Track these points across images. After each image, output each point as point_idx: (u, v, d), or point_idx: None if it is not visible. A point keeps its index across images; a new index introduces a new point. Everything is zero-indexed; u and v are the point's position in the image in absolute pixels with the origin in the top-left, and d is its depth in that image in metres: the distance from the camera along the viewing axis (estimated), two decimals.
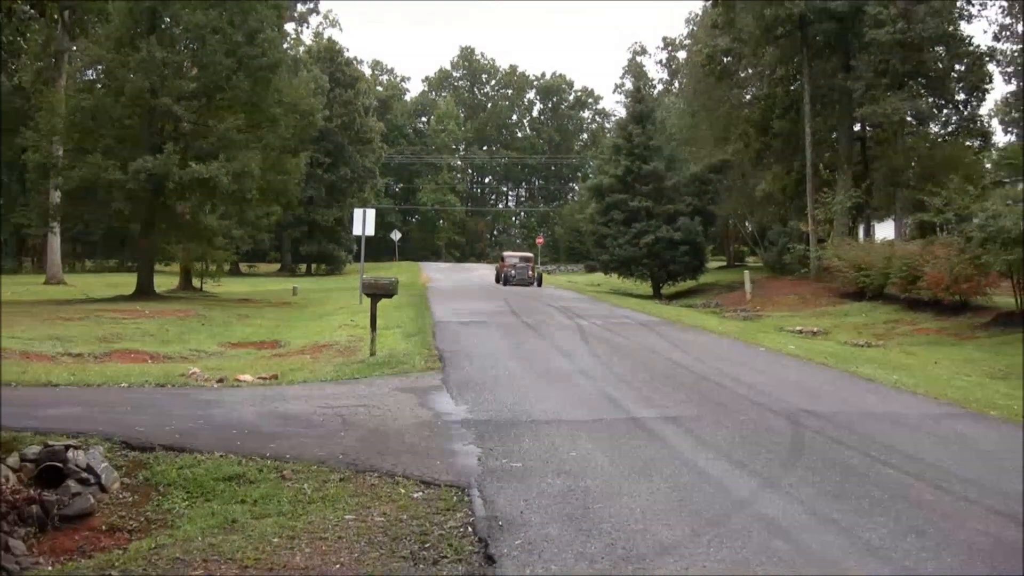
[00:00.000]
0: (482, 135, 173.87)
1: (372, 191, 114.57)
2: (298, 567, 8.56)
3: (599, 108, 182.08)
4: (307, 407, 16.28)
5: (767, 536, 9.66)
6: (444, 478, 11.66)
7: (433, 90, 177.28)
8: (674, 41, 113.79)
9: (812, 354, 27.03)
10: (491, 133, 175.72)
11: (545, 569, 8.55)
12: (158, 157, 46.49)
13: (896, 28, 54.01)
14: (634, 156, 72.38)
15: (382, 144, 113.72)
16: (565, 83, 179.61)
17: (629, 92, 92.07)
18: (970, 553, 9.31)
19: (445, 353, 24.13)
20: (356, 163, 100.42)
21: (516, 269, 69.27)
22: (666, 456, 13.14)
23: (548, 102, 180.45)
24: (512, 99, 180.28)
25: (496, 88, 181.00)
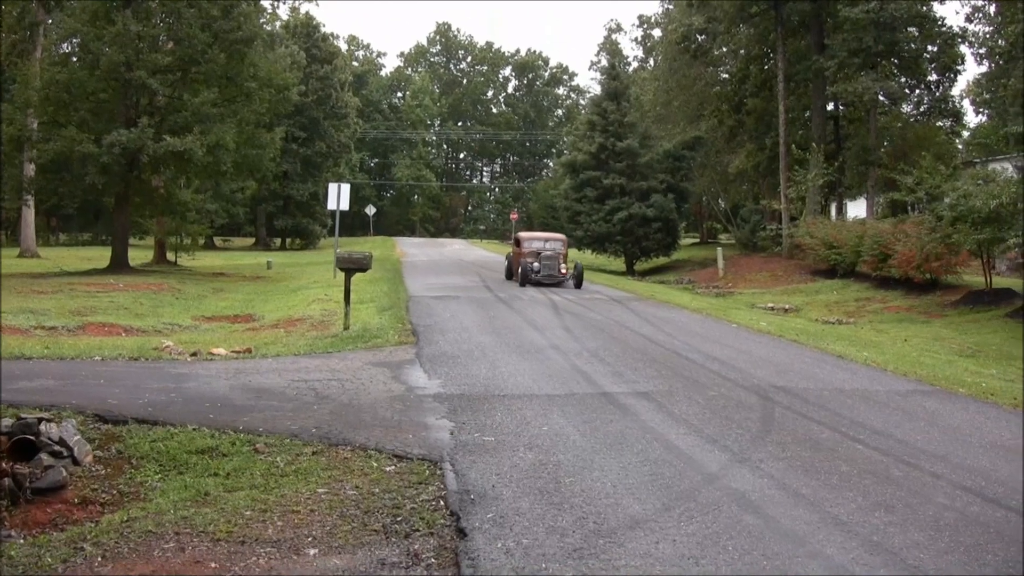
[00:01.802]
0: (457, 111, 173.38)
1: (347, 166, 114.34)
2: (270, 540, 8.58)
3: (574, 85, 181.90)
4: (280, 380, 16.29)
5: (737, 510, 9.73)
6: (416, 452, 11.70)
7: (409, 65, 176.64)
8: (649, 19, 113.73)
9: (783, 331, 27.14)
10: (466, 109, 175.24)
11: (516, 542, 8.60)
12: (133, 131, 46.26)
13: (869, 8, 54.03)
14: (608, 133, 72.28)
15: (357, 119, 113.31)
16: (540, 60, 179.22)
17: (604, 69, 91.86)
18: (937, 528, 9.40)
19: (418, 327, 24.16)
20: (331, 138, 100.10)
21: (542, 260, 41.76)
22: (637, 431, 13.20)
23: (523, 78, 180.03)
24: (487, 75, 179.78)
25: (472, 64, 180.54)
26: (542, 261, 41.05)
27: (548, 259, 41.19)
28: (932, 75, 64.08)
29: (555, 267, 41.26)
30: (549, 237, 44.97)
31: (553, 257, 41.50)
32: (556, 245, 43.33)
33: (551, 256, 41.47)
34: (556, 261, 41.47)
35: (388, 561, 8.15)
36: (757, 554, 8.47)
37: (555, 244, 43.50)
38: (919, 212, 45.64)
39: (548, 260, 41.17)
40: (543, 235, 45.82)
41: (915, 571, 8.22)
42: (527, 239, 43.98)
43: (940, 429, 14.11)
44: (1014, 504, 10.32)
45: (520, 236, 44.99)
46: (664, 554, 8.39)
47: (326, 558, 8.21)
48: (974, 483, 11.12)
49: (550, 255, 41.48)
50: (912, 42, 61.26)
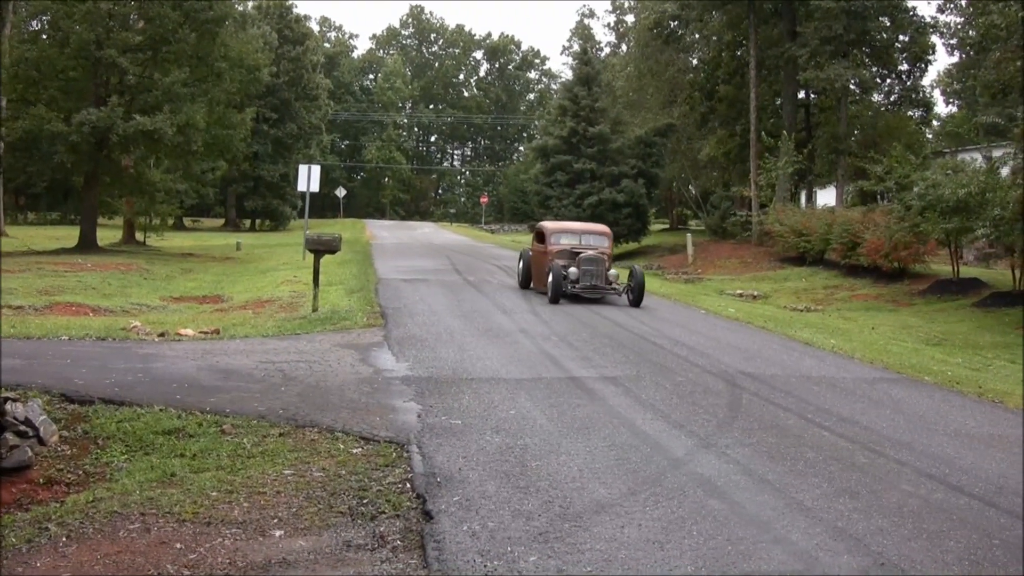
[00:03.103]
0: (429, 94, 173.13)
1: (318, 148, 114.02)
2: (236, 521, 8.58)
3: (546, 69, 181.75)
4: (248, 362, 16.26)
5: (702, 495, 9.78)
6: (383, 434, 11.71)
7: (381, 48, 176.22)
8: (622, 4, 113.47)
9: (751, 317, 27.22)
10: (438, 92, 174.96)
11: (482, 525, 8.63)
12: (102, 109, 46.07)
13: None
14: (580, 118, 72.18)
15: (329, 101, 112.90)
16: (513, 44, 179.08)
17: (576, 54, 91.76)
18: (900, 514, 9.47)
19: (387, 310, 24.14)
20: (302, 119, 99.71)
21: (583, 265, 29.61)
22: (604, 415, 13.23)
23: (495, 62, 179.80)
24: (459, 58, 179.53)
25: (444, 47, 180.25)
26: (582, 266, 28.94)
27: (591, 263, 29.03)
28: (903, 65, 64.34)
29: (601, 274, 29.10)
30: (588, 229, 32.48)
31: (597, 260, 29.12)
32: (600, 241, 30.99)
33: (594, 259, 29.15)
34: (602, 266, 29.18)
35: (354, 543, 8.17)
36: (722, 539, 8.51)
37: (598, 240, 31.07)
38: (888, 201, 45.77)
39: (591, 264, 29.02)
40: (578, 226, 33.46)
41: (879, 557, 8.28)
42: (555, 232, 31.23)
43: (905, 417, 14.18)
44: (977, 491, 10.40)
45: (544, 228, 31.94)
46: (629, 538, 8.43)
47: (292, 539, 8.22)
48: (938, 470, 11.19)
49: (593, 257, 29.15)
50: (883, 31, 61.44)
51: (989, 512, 9.73)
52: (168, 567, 7.51)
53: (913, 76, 65.52)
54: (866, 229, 42.51)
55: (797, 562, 8.11)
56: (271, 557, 7.80)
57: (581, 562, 7.84)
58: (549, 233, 31.15)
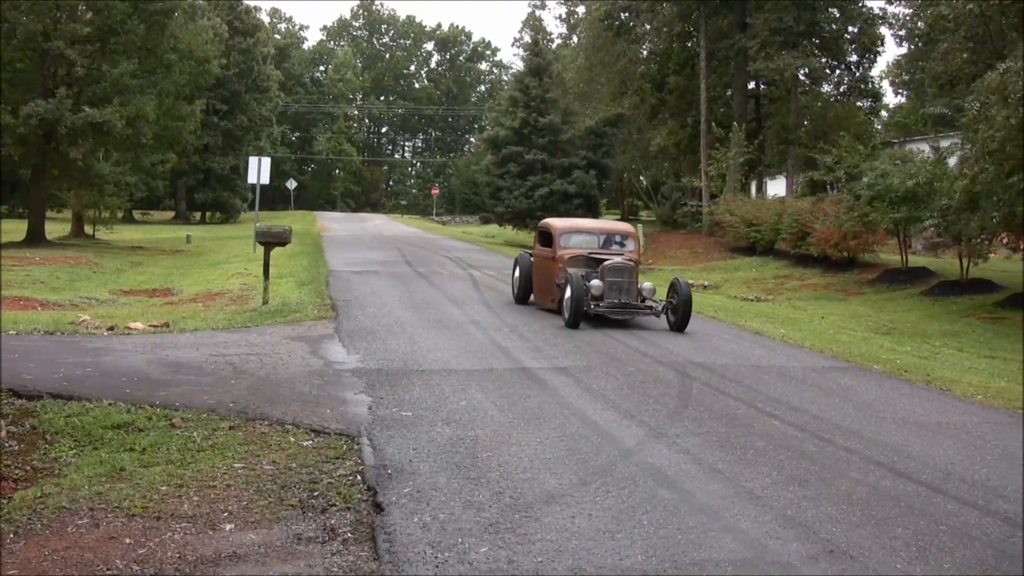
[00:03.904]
0: (379, 85, 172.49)
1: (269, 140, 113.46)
2: (186, 515, 8.53)
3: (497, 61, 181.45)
4: (198, 355, 16.18)
5: (653, 485, 9.81)
6: (334, 426, 11.68)
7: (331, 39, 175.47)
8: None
9: (702, 307, 27.26)
10: (389, 83, 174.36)
11: (433, 517, 8.61)
12: (50, 101, 45.70)
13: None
14: (531, 109, 72.20)
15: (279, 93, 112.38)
16: (463, 35, 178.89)
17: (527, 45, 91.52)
18: (849, 501, 9.53)
19: (338, 302, 24.07)
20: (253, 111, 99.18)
21: (609, 277, 22.60)
22: (555, 406, 13.26)
23: (446, 53, 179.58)
24: (410, 50, 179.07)
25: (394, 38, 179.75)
26: (608, 277, 22.41)
27: (619, 273, 22.63)
28: (852, 55, 64.78)
29: (632, 288, 22.75)
30: (608, 228, 26.29)
31: (626, 269, 22.80)
32: (625, 243, 24.91)
33: (622, 267, 22.78)
34: (633, 276, 22.89)
35: (304, 536, 8.14)
36: (672, 528, 8.54)
37: (624, 242, 24.93)
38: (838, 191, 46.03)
39: (619, 275, 22.62)
40: (595, 224, 27.97)
41: (827, 544, 8.33)
42: (566, 231, 24.88)
43: (854, 405, 14.26)
44: (925, 478, 10.48)
45: (552, 226, 25.40)
46: (580, 528, 8.44)
47: (242, 533, 8.19)
48: (886, 458, 11.27)
49: (620, 265, 22.79)
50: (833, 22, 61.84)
51: (937, 499, 9.80)
52: (117, 562, 7.46)
53: (862, 67, 66.08)
54: (816, 219, 42.75)
55: (747, 550, 8.15)
56: (221, 551, 7.77)
57: (532, 552, 7.85)
58: (558, 233, 24.37)
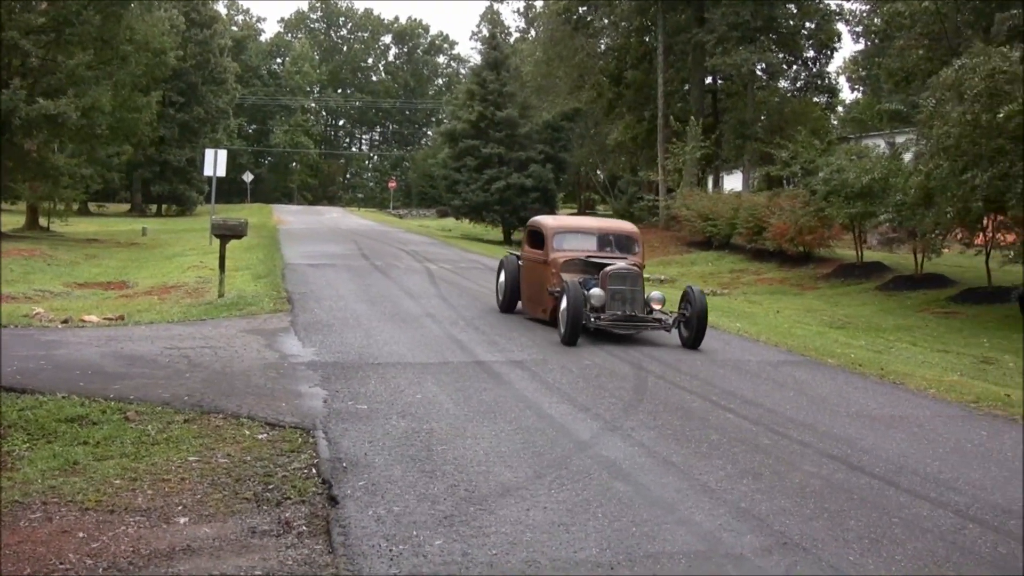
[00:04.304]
0: (337, 78, 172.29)
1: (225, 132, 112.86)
2: (140, 508, 8.48)
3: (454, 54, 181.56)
4: (153, 348, 16.09)
5: (608, 478, 9.83)
6: (289, 420, 11.65)
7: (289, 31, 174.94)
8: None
9: None
10: (346, 76, 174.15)
11: (388, 510, 8.61)
12: (4, 92, 45.29)
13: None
14: (488, 102, 72.37)
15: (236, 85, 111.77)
16: (421, 28, 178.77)
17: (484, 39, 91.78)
18: (803, 495, 9.57)
19: (294, 295, 23.99)
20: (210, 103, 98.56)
21: (611, 285, 19.41)
22: (511, 399, 13.27)
23: (403, 46, 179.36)
24: (368, 43, 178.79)
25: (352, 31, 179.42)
26: (610, 285, 19.45)
27: (622, 280, 19.66)
28: (809, 51, 65.25)
29: (638, 298, 19.68)
30: (607, 228, 22.87)
31: (631, 276, 19.80)
32: (627, 246, 21.78)
33: (626, 274, 19.79)
34: (638, 284, 19.81)
35: (259, 529, 8.12)
36: (626, 520, 8.56)
37: (624, 243, 21.82)
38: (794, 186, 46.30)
39: (623, 283, 19.61)
40: (592, 223, 24.28)
41: (781, 536, 8.37)
42: (559, 231, 21.82)
43: (809, 399, 14.33)
44: (878, 471, 10.54)
45: (543, 225, 22.27)
46: (535, 521, 8.45)
47: (196, 526, 8.15)
48: (840, 451, 11.33)
49: (623, 271, 19.79)
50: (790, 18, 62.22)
51: (889, 491, 9.86)
52: (70, 556, 7.42)
53: (819, 63, 66.61)
54: (772, 214, 42.99)
55: (701, 542, 8.17)
56: (175, 544, 7.73)
57: (486, 545, 7.85)
58: (550, 233, 21.41)
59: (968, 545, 8.42)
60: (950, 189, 28.70)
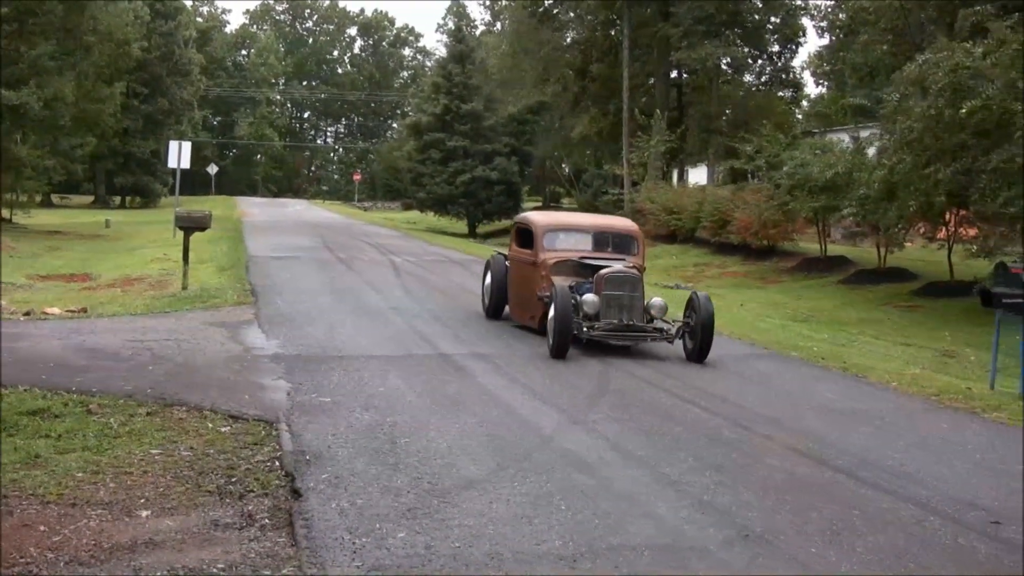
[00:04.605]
0: (302, 70, 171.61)
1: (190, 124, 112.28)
2: (102, 502, 8.44)
3: (420, 47, 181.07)
4: (116, 340, 16.02)
5: (571, 471, 9.85)
6: (252, 412, 11.63)
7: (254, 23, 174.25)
8: None
9: None
10: (311, 68, 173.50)
11: (351, 503, 8.60)
12: None
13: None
14: (453, 95, 72.38)
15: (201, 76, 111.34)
16: (387, 20, 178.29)
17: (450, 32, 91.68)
18: (765, 488, 9.61)
19: (258, 288, 23.92)
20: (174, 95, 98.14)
21: (608, 290, 17.37)
22: (474, 392, 13.29)
23: (369, 39, 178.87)
24: (333, 35, 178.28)
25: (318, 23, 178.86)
26: (606, 290, 17.48)
27: (620, 284, 17.62)
28: (774, 46, 65.43)
29: (637, 305, 17.66)
30: (603, 225, 20.73)
31: (630, 280, 17.78)
32: (625, 245, 19.79)
33: (625, 277, 17.77)
34: (638, 289, 17.79)
35: (222, 522, 8.09)
36: (589, 513, 8.58)
37: (622, 243, 19.82)
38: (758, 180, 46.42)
39: (621, 287, 17.57)
40: (587, 220, 22.19)
41: (743, 529, 8.40)
42: (550, 228, 19.90)
43: (772, 392, 14.39)
44: (840, 465, 10.59)
45: (532, 222, 20.48)
46: (498, 514, 8.46)
47: (159, 519, 8.12)
48: (803, 444, 11.38)
49: (622, 275, 17.75)
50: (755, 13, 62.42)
51: (851, 484, 9.92)
52: (31, 550, 7.38)
53: (784, 57, 66.86)
54: (736, 207, 43.08)
55: (664, 535, 8.20)
56: (137, 537, 7.70)
57: (449, 538, 7.85)
58: (540, 231, 19.42)
59: (929, 537, 8.48)
60: (913, 183, 28.83)
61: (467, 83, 72.97)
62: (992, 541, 8.45)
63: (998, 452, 11.58)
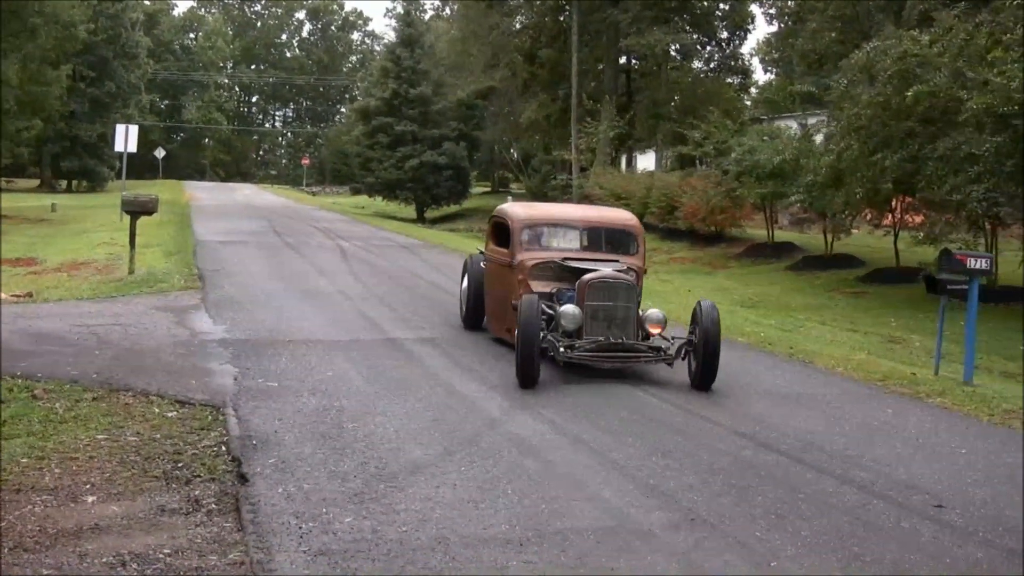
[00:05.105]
0: (250, 54, 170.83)
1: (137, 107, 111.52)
2: (47, 487, 8.39)
3: (369, 31, 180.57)
4: (62, 325, 15.92)
5: (518, 455, 9.88)
6: (199, 397, 11.59)
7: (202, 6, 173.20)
8: None
9: None
10: (260, 52, 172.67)
11: (298, 487, 8.61)
12: None
13: None
14: (402, 80, 72.27)
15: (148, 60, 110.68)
16: (335, 4, 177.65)
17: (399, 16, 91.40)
18: (711, 471, 9.67)
19: (205, 272, 23.83)
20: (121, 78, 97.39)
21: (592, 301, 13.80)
22: (421, 377, 13.30)
23: (318, 23, 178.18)
24: (282, 19, 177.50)
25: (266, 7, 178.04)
26: (591, 300, 13.97)
27: (607, 292, 14.09)
28: (723, 32, 65.69)
29: (629, 319, 14.15)
30: (598, 220, 17.15)
31: (621, 288, 14.21)
32: (620, 241, 16.58)
33: (614, 284, 14.21)
34: (632, 298, 14.38)
35: (168, 507, 8.06)
36: (536, 497, 8.61)
37: (619, 239, 16.59)
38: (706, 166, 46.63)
39: (608, 297, 14.06)
40: (578, 213, 18.25)
41: (689, 512, 8.45)
42: (529, 224, 16.30)
43: (719, 377, 14.39)
44: (784, 448, 10.66)
45: (509, 216, 16.63)
46: (444, 498, 8.48)
47: (104, 505, 8.08)
48: (748, 429, 11.44)
49: (610, 281, 14.21)
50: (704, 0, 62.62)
51: (796, 468, 9.98)
52: None
53: (732, 44, 67.25)
54: (684, 193, 43.27)
55: (609, 518, 8.24)
56: (83, 523, 7.66)
57: (396, 522, 7.86)
58: (518, 227, 15.92)
59: (872, 520, 8.54)
60: (860, 170, 29.04)
61: (416, 68, 72.87)
62: (935, 524, 8.53)
63: (941, 437, 11.68)
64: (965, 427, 12.23)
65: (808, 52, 47.62)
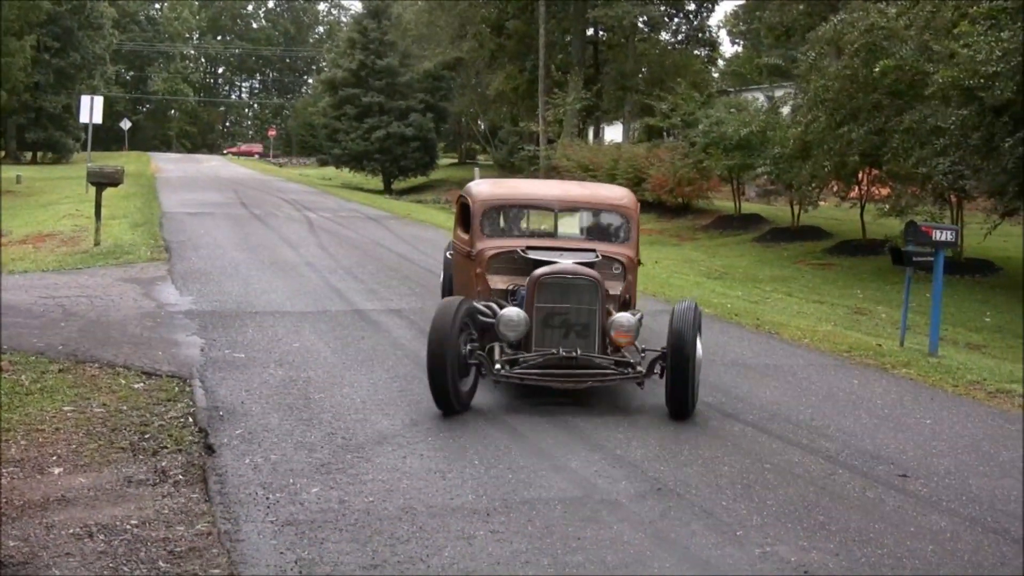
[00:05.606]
0: (217, 24, 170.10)
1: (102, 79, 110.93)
2: (13, 459, 8.37)
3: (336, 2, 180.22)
4: (27, 297, 15.84)
5: (484, 425, 9.92)
6: (166, 368, 11.57)
7: None
8: None
9: None
10: (226, 23, 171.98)
11: (264, 458, 8.61)
12: None
13: None
14: (369, 51, 72.21)
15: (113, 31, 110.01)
16: None
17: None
18: (677, 441, 9.70)
19: (172, 244, 23.79)
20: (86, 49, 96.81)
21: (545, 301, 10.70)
22: (388, 347, 13.30)
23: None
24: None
25: None
26: (540, 302, 10.80)
27: (563, 290, 10.84)
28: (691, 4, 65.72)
29: (590, 324, 10.88)
30: (578, 200, 13.74)
31: (578, 286, 10.83)
32: (609, 231, 13.47)
33: (571, 282, 10.86)
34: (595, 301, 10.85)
35: (135, 479, 8.05)
36: (503, 467, 8.63)
37: (606, 222, 13.61)
38: (674, 138, 46.68)
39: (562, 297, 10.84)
40: (556, 191, 14.42)
41: (655, 482, 8.46)
42: (494, 203, 12.99)
43: None
44: (750, 419, 10.68)
45: (472, 196, 12.94)
46: (411, 468, 8.49)
47: (71, 476, 8.07)
48: (715, 399, 11.46)
49: (567, 279, 10.88)
50: None
51: (762, 438, 10.02)
52: None
53: (700, 16, 67.25)
54: (651, 165, 43.37)
55: (576, 488, 8.25)
56: (49, 495, 7.64)
57: (363, 493, 7.87)
58: (479, 209, 12.70)
59: (838, 490, 8.58)
60: (827, 143, 29.16)
61: (383, 39, 72.77)
62: (899, 494, 8.56)
63: (906, 407, 11.73)
64: (930, 398, 12.28)
65: (775, 24, 47.77)
